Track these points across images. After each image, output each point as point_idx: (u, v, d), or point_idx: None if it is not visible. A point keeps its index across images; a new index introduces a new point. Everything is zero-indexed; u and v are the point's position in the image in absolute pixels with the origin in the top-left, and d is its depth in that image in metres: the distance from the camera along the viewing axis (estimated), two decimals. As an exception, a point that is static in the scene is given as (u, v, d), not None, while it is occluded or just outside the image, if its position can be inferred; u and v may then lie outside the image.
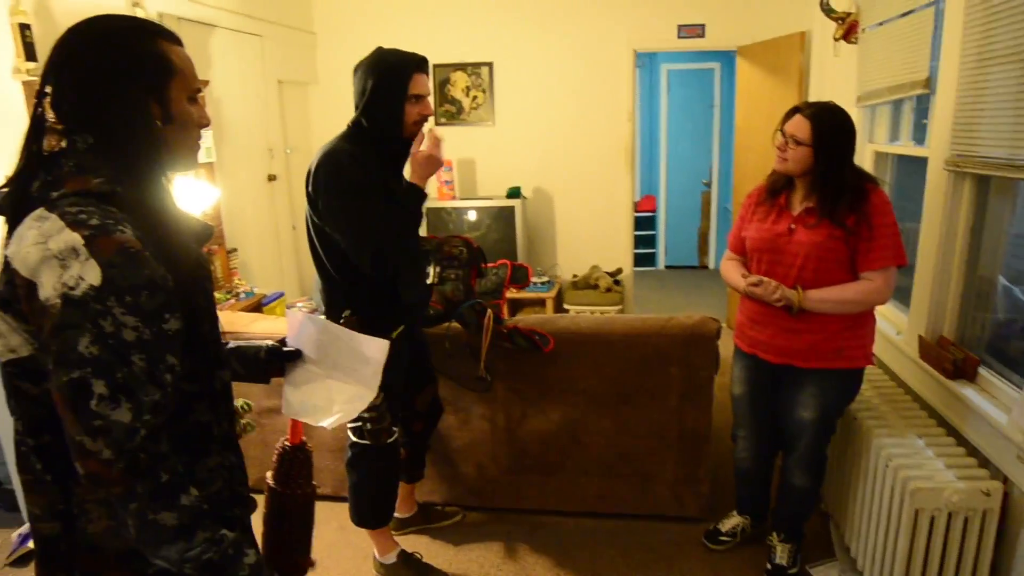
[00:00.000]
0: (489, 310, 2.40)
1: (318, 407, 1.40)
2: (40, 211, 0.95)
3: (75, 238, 0.91)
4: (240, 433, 1.26)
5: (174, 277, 1.01)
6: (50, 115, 1.02)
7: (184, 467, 1.07)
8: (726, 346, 2.54)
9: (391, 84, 2.04)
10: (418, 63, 2.10)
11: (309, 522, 1.47)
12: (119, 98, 1.02)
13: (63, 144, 1.02)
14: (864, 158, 3.17)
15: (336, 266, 2.12)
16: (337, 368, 1.42)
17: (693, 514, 2.72)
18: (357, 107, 2.09)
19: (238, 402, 1.24)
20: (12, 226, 0.99)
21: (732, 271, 2.33)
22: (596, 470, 2.74)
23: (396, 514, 2.71)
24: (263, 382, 1.44)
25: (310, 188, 2.06)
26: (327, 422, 1.38)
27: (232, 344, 1.39)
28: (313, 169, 2.04)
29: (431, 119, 2.17)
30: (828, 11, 3.31)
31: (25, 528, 2.79)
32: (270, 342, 1.44)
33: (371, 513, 2.40)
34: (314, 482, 1.49)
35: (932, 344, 2.36)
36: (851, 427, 2.38)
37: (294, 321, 1.45)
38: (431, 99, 2.13)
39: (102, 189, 0.98)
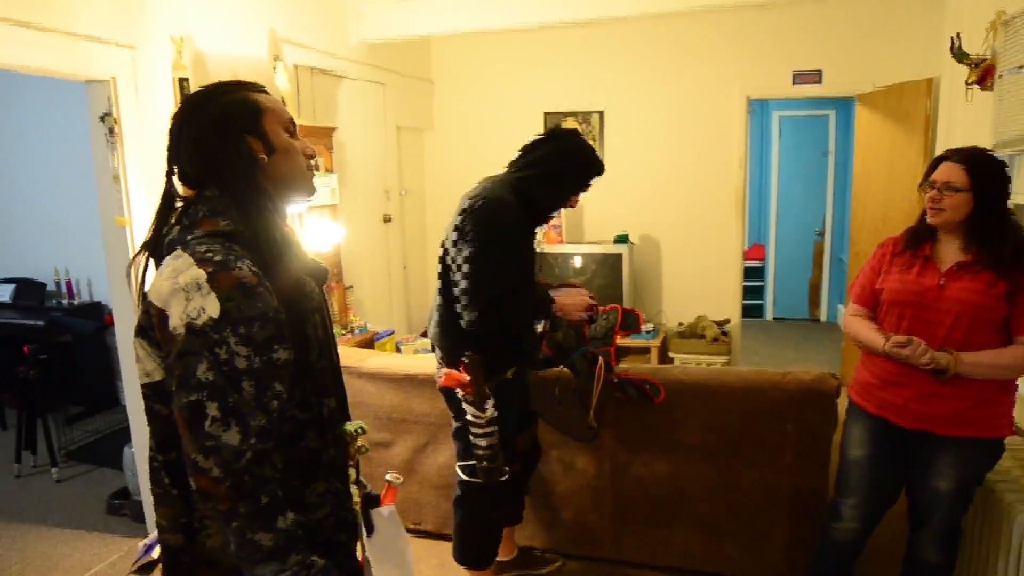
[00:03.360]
0: (600, 359, 2.39)
1: None
2: (177, 250, 1.08)
3: (200, 273, 1.02)
4: (355, 455, 1.31)
5: (286, 309, 1.09)
6: (181, 190, 1.18)
7: (295, 491, 1.14)
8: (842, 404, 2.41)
9: (579, 177, 2.22)
10: (601, 168, 2.27)
11: None
12: (221, 142, 1.14)
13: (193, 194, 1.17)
14: (1001, 210, 2.97)
15: None
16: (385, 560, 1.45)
17: (807, 581, 2.57)
18: (532, 166, 2.19)
19: (352, 425, 1.30)
20: (157, 266, 1.15)
21: (865, 327, 2.11)
22: (703, 526, 2.64)
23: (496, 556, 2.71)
24: None
25: (462, 221, 2.08)
26: None
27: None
28: (475, 205, 2.07)
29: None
30: (960, 56, 3.17)
31: (150, 538, 2.98)
32: (367, 490, 1.47)
33: (475, 553, 2.41)
34: (417, 519, 1.48)
35: (1085, 414, 2.16)
36: (988, 500, 2.19)
37: (379, 514, 1.45)
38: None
39: (228, 229, 1.10)
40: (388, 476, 1.52)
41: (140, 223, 2.82)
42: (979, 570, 2.24)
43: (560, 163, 2.18)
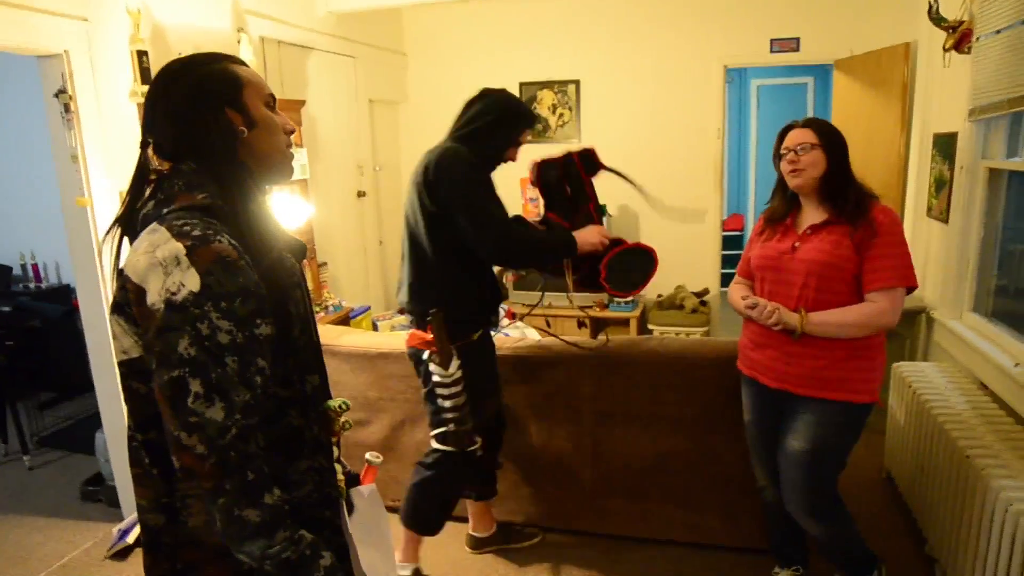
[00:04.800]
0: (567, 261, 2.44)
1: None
2: (153, 225, 1.04)
3: (178, 247, 0.99)
4: (338, 431, 1.29)
5: (267, 285, 1.07)
6: (155, 162, 1.12)
7: (277, 469, 1.12)
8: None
9: (510, 129, 2.32)
10: (532, 120, 2.43)
11: None
12: (199, 115, 1.10)
13: (168, 168, 1.12)
14: (977, 176, 2.97)
15: (440, 260, 2.22)
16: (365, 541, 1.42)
17: (785, 549, 2.58)
18: (471, 123, 2.29)
19: (336, 401, 1.28)
20: (131, 241, 1.10)
21: (735, 294, 2.24)
22: (682, 498, 2.65)
23: (474, 532, 2.70)
24: None
25: (429, 176, 2.16)
26: None
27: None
28: (433, 162, 2.17)
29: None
30: (938, 20, 3.13)
31: (125, 523, 2.94)
32: (347, 470, 1.43)
33: (424, 518, 2.41)
34: (396, 496, 1.47)
35: (1058, 378, 2.17)
36: (963, 467, 2.20)
37: (359, 492, 1.41)
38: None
39: (205, 203, 1.07)
40: (368, 456, 1.50)
41: (101, 203, 2.74)
42: (958, 537, 2.26)
43: (490, 115, 2.27)
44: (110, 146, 2.76)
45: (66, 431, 4.04)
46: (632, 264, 2.45)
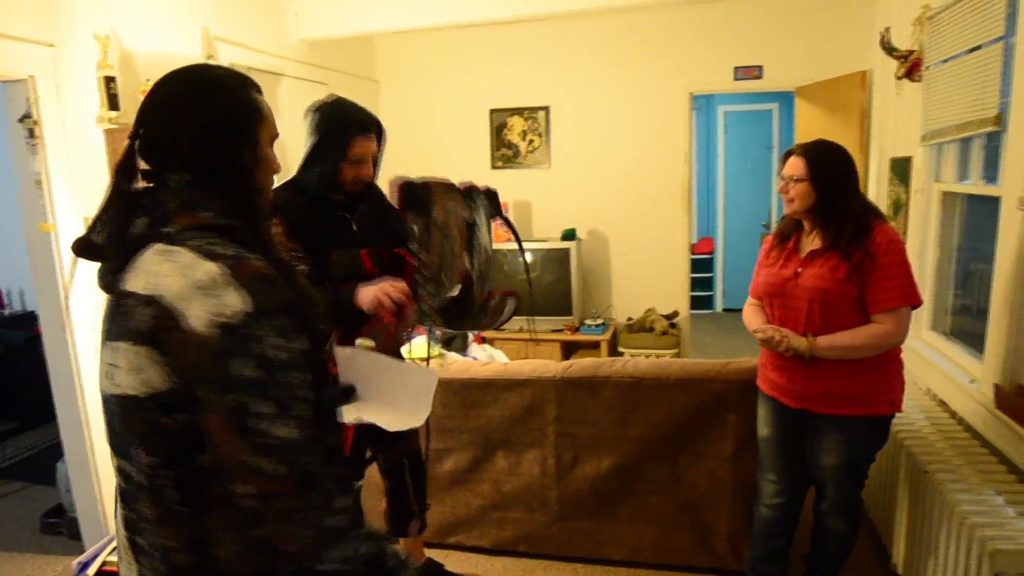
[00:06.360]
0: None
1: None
2: (160, 246, 1.00)
3: (214, 268, 0.96)
4: None
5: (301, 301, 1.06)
6: (139, 159, 1.09)
7: None
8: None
9: (332, 143, 2.00)
10: (361, 126, 2.04)
11: None
12: (221, 142, 1.07)
13: (149, 184, 1.07)
14: (931, 198, 3.06)
15: None
16: (385, 397, 1.44)
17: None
18: (306, 152, 2.03)
19: None
20: (119, 263, 1.04)
21: (751, 318, 2.31)
22: (651, 519, 2.66)
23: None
24: None
25: None
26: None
27: None
28: None
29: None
30: (890, 49, 3.25)
31: (86, 556, 2.86)
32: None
33: None
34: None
35: (1010, 393, 2.22)
36: (921, 482, 2.25)
37: (343, 356, 1.45)
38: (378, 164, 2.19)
39: (215, 223, 1.03)
40: (358, 342, 1.56)
41: (66, 229, 2.71)
42: (919, 552, 2.30)
43: (314, 137, 2.01)
44: (75, 172, 2.75)
45: (27, 461, 3.95)
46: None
